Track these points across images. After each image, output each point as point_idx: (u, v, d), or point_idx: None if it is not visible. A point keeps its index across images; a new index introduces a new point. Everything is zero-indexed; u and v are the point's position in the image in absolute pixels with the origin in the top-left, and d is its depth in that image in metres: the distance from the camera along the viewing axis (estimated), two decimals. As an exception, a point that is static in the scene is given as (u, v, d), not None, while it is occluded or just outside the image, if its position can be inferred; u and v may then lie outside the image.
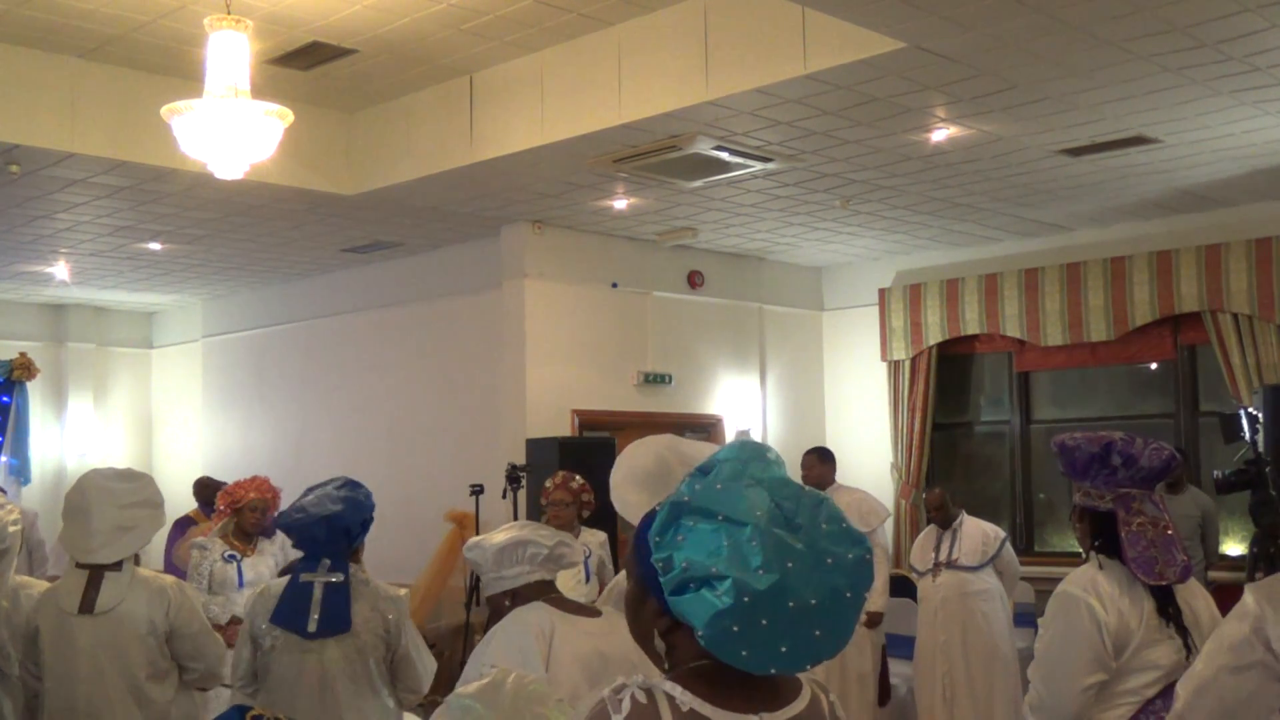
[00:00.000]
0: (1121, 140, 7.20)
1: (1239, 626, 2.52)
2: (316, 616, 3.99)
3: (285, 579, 4.19)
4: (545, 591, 3.41)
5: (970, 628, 7.24)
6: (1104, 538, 3.23)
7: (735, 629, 1.67)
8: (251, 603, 4.20)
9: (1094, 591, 3.10)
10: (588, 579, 6.34)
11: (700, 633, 1.69)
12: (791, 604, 1.68)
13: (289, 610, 4.02)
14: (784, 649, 1.68)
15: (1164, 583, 3.14)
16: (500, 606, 3.43)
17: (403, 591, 4.22)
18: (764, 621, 1.67)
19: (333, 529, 4.07)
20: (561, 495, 6.39)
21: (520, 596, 3.39)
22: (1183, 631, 3.12)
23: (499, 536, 3.45)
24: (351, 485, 4.23)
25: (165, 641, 4.06)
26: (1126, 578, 3.15)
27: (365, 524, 4.20)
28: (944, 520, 7.51)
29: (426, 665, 4.20)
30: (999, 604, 7.36)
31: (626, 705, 1.74)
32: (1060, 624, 3.14)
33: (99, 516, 4.04)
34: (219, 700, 5.07)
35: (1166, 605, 3.14)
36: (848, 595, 1.73)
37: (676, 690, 1.75)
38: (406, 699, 4.25)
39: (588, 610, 3.45)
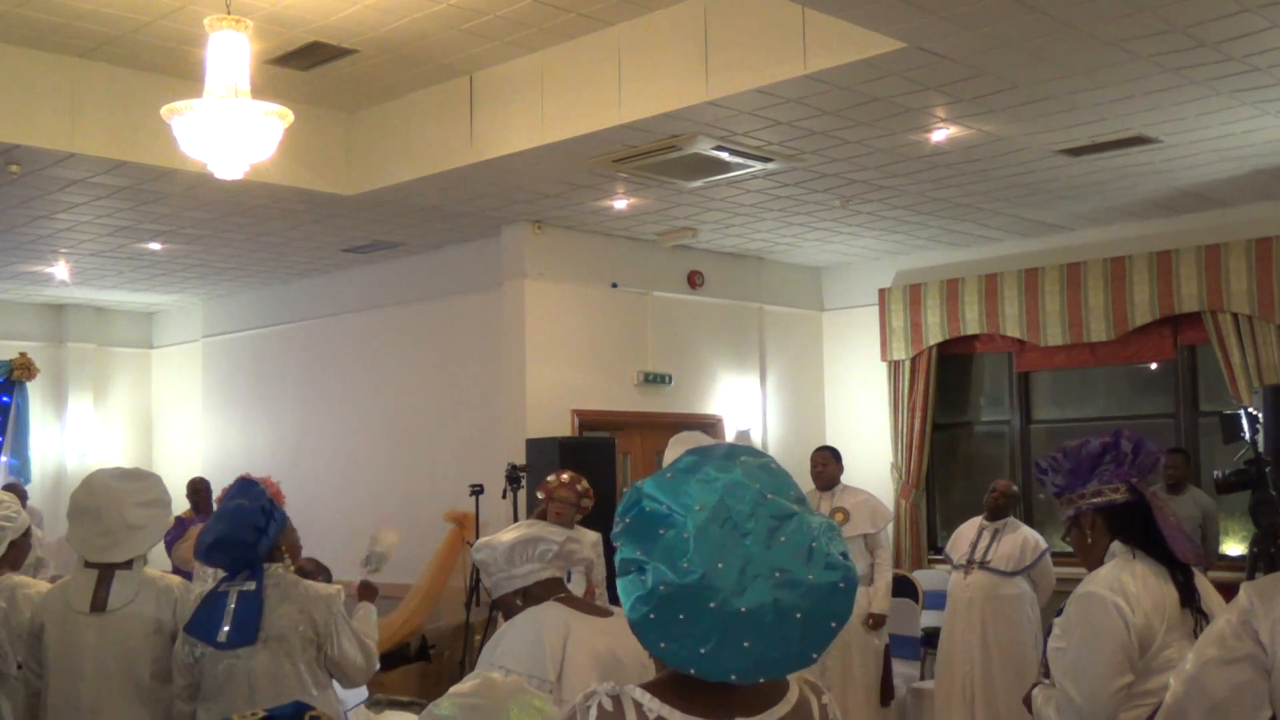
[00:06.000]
0: (1121, 140, 7.20)
1: (1228, 621, 2.53)
2: (227, 628, 3.89)
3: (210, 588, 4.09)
4: (556, 589, 3.39)
5: (995, 631, 7.18)
6: (1128, 530, 3.18)
7: (651, 616, 1.67)
8: (183, 611, 4.09)
9: (1120, 592, 3.06)
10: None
11: (626, 615, 1.71)
12: (713, 605, 1.65)
13: (202, 621, 3.94)
14: (703, 651, 1.66)
15: (1190, 563, 3.13)
16: (512, 606, 3.39)
17: (335, 589, 4.07)
18: (681, 616, 1.66)
19: (226, 548, 3.98)
20: (566, 494, 6.29)
21: (531, 595, 3.36)
22: (1202, 617, 3.10)
23: (509, 535, 3.42)
24: (241, 490, 4.13)
25: (170, 641, 4.06)
26: (1154, 571, 3.12)
27: (268, 523, 4.02)
28: (999, 512, 7.38)
29: (357, 663, 4.05)
30: (1028, 611, 7.25)
31: (593, 713, 1.74)
32: (1088, 625, 3.08)
33: (110, 516, 4.04)
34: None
35: (1190, 594, 3.12)
36: (797, 616, 1.67)
37: (645, 697, 1.74)
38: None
39: (598, 610, 3.43)
